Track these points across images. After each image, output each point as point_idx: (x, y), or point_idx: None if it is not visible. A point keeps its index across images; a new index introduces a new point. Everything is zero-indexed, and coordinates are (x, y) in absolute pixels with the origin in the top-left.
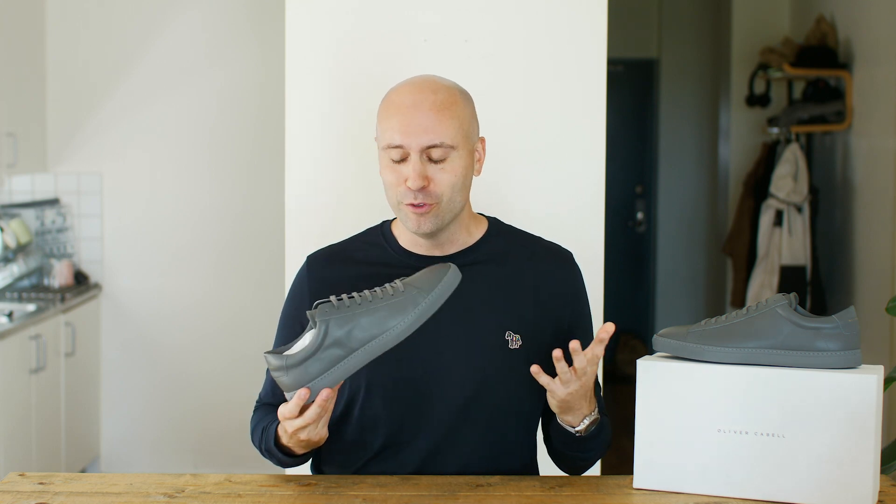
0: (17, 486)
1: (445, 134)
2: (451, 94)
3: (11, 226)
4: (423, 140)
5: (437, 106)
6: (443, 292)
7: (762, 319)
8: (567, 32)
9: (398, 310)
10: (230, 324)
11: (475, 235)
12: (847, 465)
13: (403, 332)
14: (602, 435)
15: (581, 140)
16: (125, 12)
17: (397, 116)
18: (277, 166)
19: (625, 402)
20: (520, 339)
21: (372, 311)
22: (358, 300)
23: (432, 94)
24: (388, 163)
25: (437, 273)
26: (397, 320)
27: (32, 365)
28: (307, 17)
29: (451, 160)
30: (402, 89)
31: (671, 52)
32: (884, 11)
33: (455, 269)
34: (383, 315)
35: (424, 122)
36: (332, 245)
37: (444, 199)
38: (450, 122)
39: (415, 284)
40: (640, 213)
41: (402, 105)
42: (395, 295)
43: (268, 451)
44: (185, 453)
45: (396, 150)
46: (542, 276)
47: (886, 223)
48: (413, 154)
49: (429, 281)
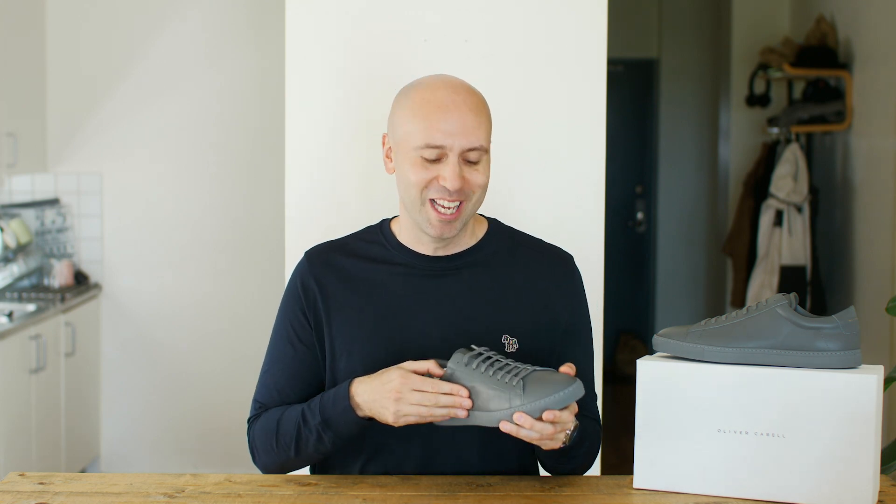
0: (17, 486)
1: (483, 136)
2: (481, 96)
3: (11, 226)
4: (465, 142)
5: (475, 108)
6: (547, 405)
7: (762, 319)
8: (567, 32)
9: (502, 398)
10: (230, 324)
11: (476, 236)
12: (847, 465)
13: (492, 420)
14: (587, 443)
15: (581, 140)
16: (125, 12)
17: (437, 115)
18: (277, 166)
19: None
20: (516, 343)
21: (486, 385)
22: (482, 367)
23: (469, 95)
24: (417, 161)
25: (557, 384)
26: (497, 404)
27: (32, 365)
28: (307, 17)
29: (483, 162)
30: (436, 89)
31: (671, 52)
32: (884, 11)
33: (578, 386)
34: (491, 395)
35: (467, 123)
36: (330, 241)
37: (473, 198)
38: (485, 125)
39: (535, 381)
40: (640, 213)
41: (441, 104)
42: (508, 386)
43: (325, 423)
44: (185, 453)
45: (434, 150)
46: (540, 279)
47: (886, 223)
48: (452, 155)
49: (545, 387)
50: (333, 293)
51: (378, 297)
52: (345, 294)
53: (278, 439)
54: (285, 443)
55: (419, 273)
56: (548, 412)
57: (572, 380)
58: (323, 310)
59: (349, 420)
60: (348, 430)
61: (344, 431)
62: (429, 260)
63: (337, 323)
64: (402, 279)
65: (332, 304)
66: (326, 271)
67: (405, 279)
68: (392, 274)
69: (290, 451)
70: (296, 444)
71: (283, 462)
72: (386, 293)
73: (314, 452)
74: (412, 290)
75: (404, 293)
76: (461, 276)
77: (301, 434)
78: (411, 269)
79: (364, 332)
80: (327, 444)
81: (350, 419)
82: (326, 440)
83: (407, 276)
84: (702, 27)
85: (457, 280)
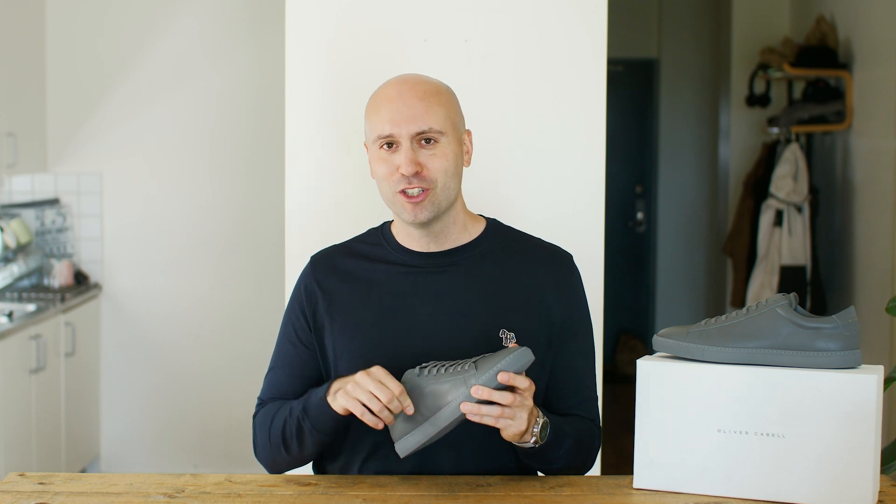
0: (17, 486)
1: (433, 120)
2: (435, 85)
3: (11, 226)
4: (412, 127)
5: (422, 94)
6: (500, 368)
7: (762, 319)
8: (567, 32)
9: (458, 383)
10: (230, 324)
11: (473, 234)
12: (847, 465)
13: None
14: (568, 443)
15: (581, 140)
16: (125, 12)
17: (385, 107)
18: (277, 166)
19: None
20: (514, 338)
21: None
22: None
23: (417, 84)
24: (379, 156)
25: (505, 352)
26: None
27: (32, 365)
28: (307, 17)
29: (441, 146)
30: (386, 85)
31: (671, 52)
32: (884, 11)
33: (527, 351)
34: (445, 388)
35: (413, 109)
36: (335, 244)
37: (438, 184)
38: (437, 109)
39: (486, 359)
40: (640, 213)
41: (388, 97)
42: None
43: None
44: (185, 453)
45: (387, 139)
46: (538, 276)
47: (886, 223)
48: (404, 141)
49: (496, 358)
50: (336, 295)
51: (377, 295)
52: (347, 295)
53: (271, 431)
54: (276, 434)
55: (415, 270)
56: (502, 374)
57: (520, 347)
58: (326, 312)
59: (325, 411)
60: (323, 422)
61: (319, 422)
62: (423, 256)
63: (339, 324)
64: (400, 277)
65: (334, 305)
66: (329, 274)
67: (403, 276)
68: (390, 272)
69: (279, 443)
70: (283, 436)
71: (276, 456)
72: (385, 291)
73: (298, 447)
74: (409, 286)
75: (402, 290)
76: (457, 272)
77: (287, 425)
78: (408, 268)
79: (364, 330)
80: (307, 435)
81: (325, 410)
82: (306, 430)
83: (404, 273)
84: (702, 27)
85: (453, 275)
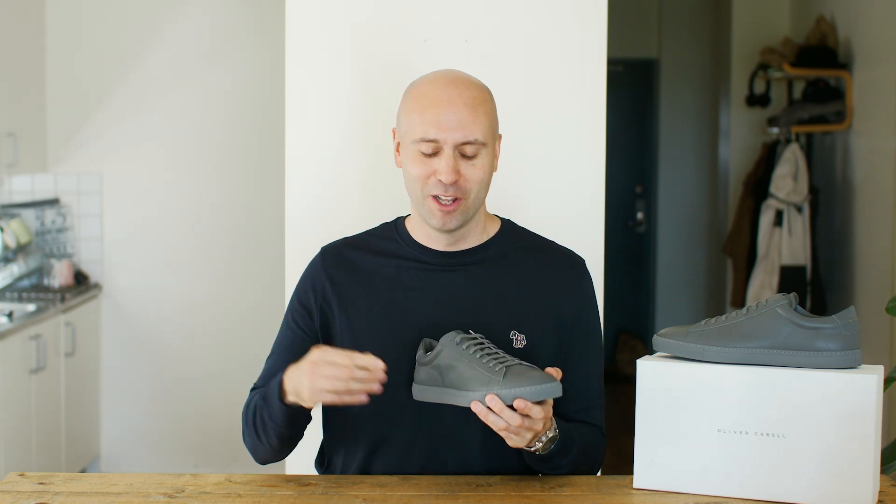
0: (17, 486)
1: (479, 131)
2: (482, 91)
3: (11, 226)
4: (459, 136)
5: (472, 102)
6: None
7: (762, 319)
8: (567, 32)
9: (483, 380)
10: (230, 324)
11: (488, 234)
12: (847, 465)
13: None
14: (574, 452)
15: (581, 140)
16: (126, 12)
17: (432, 110)
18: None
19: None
20: (524, 339)
21: (470, 366)
22: (472, 349)
23: (466, 89)
24: (416, 156)
25: (535, 378)
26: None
27: (32, 365)
28: (308, 17)
29: (480, 156)
30: (435, 83)
31: (671, 52)
32: (884, 11)
33: (557, 386)
34: (470, 375)
35: (461, 117)
36: (346, 237)
37: (471, 194)
38: (483, 119)
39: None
40: (640, 213)
41: (436, 99)
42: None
43: (263, 399)
44: (185, 453)
45: (429, 143)
46: (550, 279)
47: (886, 223)
48: (447, 149)
49: (524, 379)
50: (344, 288)
51: (388, 290)
52: (355, 288)
53: (247, 417)
54: (250, 421)
55: (429, 268)
56: (519, 400)
57: (552, 378)
58: (334, 304)
59: (275, 401)
60: (273, 410)
61: (274, 410)
62: (439, 255)
63: (347, 316)
64: (412, 273)
65: (342, 298)
66: (338, 266)
67: (415, 273)
68: (402, 268)
69: (254, 431)
70: (255, 423)
71: (255, 442)
72: (396, 287)
73: (262, 433)
74: (422, 284)
75: (414, 287)
76: (471, 272)
77: (256, 413)
78: (422, 264)
79: (373, 325)
80: (268, 423)
81: (276, 400)
82: (266, 417)
83: (417, 270)
84: (702, 27)
85: (467, 275)
